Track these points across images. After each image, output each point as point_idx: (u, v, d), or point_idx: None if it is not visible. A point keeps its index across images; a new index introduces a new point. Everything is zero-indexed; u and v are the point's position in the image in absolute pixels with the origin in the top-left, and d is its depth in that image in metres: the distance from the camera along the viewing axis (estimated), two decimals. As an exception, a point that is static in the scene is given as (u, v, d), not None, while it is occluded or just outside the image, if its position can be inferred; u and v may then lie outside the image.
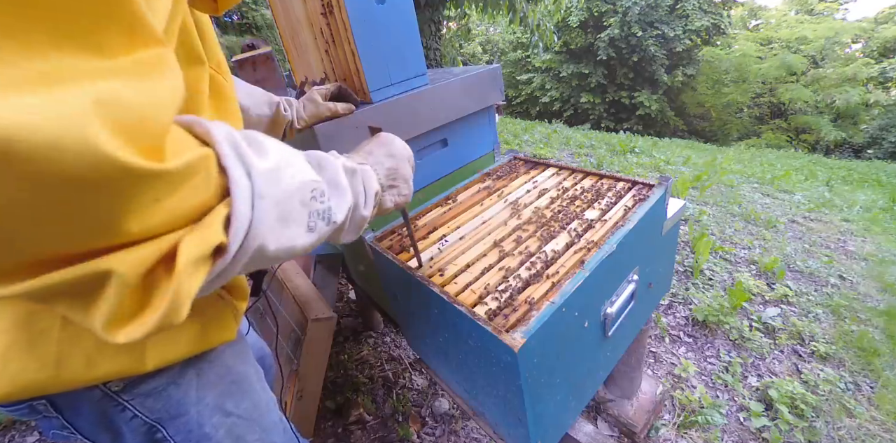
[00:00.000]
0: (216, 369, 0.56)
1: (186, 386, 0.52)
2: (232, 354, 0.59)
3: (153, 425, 0.51)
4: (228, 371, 0.58)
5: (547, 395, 0.71)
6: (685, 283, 2.16)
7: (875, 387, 1.62)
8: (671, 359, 1.70)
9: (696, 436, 1.37)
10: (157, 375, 0.49)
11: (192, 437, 0.54)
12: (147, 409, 0.50)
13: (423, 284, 0.73)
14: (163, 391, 0.50)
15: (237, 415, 0.58)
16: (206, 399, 0.54)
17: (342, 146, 0.90)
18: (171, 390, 0.51)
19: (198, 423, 0.54)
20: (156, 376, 0.49)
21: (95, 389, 0.46)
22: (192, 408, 0.53)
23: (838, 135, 12.67)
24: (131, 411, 0.49)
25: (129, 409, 0.49)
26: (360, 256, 1.25)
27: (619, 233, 0.79)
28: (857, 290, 2.29)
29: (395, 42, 0.96)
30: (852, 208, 4.01)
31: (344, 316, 1.95)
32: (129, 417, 0.49)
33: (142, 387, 0.48)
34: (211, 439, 0.55)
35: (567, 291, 0.66)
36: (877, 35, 14.90)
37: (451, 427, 1.41)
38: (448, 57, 5.42)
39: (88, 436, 0.50)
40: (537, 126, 7.38)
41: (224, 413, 0.57)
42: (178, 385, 0.51)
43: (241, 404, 0.59)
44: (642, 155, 5.02)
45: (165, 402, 0.51)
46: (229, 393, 0.58)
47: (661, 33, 13.07)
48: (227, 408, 0.57)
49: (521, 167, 1.17)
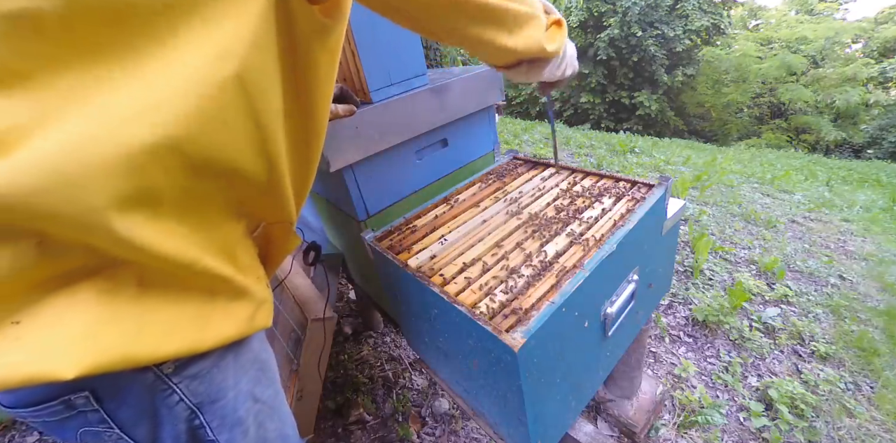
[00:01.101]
0: (247, 355, 0.57)
1: (226, 370, 0.54)
2: (258, 341, 0.61)
3: (193, 411, 0.52)
4: (256, 357, 0.59)
5: (547, 395, 0.71)
6: (685, 283, 2.16)
7: (875, 387, 1.62)
8: (671, 359, 1.70)
9: (696, 436, 1.37)
10: (204, 357, 0.50)
11: (226, 422, 0.55)
12: (192, 392, 0.51)
13: (423, 284, 0.73)
14: (207, 374, 0.52)
15: (263, 401, 0.60)
16: (240, 384, 0.56)
17: (342, 146, 0.90)
18: (214, 372, 0.52)
19: (233, 407, 0.55)
20: (202, 359, 0.50)
21: (149, 372, 0.47)
22: (230, 392, 0.55)
23: (838, 135, 12.67)
24: (178, 395, 0.50)
25: (177, 392, 0.49)
26: (360, 256, 1.25)
27: (619, 233, 0.79)
28: (857, 290, 2.29)
29: (395, 42, 0.96)
30: (852, 208, 4.01)
31: (344, 316, 1.95)
32: (175, 401, 0.50)
33: (190, 369, 0.49)
34: (243, 423, 0.57)
35: (567, 291, 0.66)
36: (877, 35, 14.91)
37: (451, 427, 1.41)
38: (448, 57, 5.41)
39: (127, 428, 0.49)
40: (537, 126, 7.37)
41: (254, 399, 0.58)
42: (219, 369, 0.53)
43: (266, 392, 0.61)
44: (642, 155, 5.02)
45: (208, 385, 0.52)
46: (257, 379, 0.59)
47: (661, 33, 13.06)
48: (256, 394, 0.59)
49: (521, 167, 1.17)
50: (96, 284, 0.38)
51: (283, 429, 0.66)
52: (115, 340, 0.39)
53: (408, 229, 0.94)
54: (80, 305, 0.37)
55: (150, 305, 0.42)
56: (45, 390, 0.42)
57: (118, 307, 0.39)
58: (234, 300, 0.50)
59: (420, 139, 1.06)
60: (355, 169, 0.98)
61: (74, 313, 0.37)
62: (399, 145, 1.01)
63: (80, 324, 0.37)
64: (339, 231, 1.31)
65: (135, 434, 0.50)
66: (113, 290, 0.39)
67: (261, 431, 0.61)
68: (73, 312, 0.37)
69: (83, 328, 0.37)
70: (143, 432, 0.50)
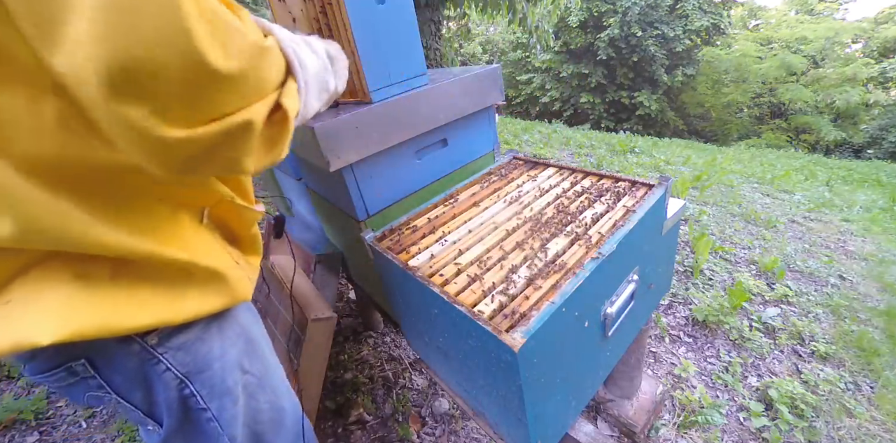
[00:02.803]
0: (234, 328, 0.61)
1: (211, 342, 0.57)
2: (245, 316, 0.65)
3: (182, 381, 0.55)
4: (244, 331, 0.63)
5: (547, 395, 0.71)
6: (685, 283, 2.16)
7: (875, 387, 1.62)
8: (671, 359, 1.70)
9: (696, 436, 1.37)
10: (186, 329, 0.55)
11: (215, 391, 0.58)
12: (178, 362, 0.54)
13: (423, 284, 0.73)
14: (191, 346, 0.55)
15: (252, 374, 0.63)
16: (227, 355, 0.59)
17: (342, 146, 0.90)
18: (199, 345, 0.56)
19: (221, 377, 0.59)
20: (185, 331, 0.54)
21: (134, 343, 0.51)
22: (215, 363, 0.58)
23: (838, 135, 12.67)
24: (164, 364, 0.53)
25: (163, 362, 0.53)
26: (360, 256, 1.25)
27: (619, 233, 0.79)
28: (857, 290, 2.29)
29: (395, 42, 0.96)
30: (852, 208, 4.01)
31: (344, 316, 1.95)
32: (162, 370, 0.54)
33: (173, 341, 0.53)
34: (232, 393, 0.60)
35: (567, 292, 0.66)
36: (877, 35, 14.91)
37: (451, 427, 1.41)
38: (448, 57, 5.41)
39: (123, 394, 0.54)
40: (537, 126, 7.38)
41: (242, 371, 0.62)
42: (203, 341, 0.56)
43: (256, 363, 0.64)
44: (642, 155, 5.02)
45: (193, 356, 0.56)
46: (245, 352, 0.63)
47: (661, 33, 13.07)
48: (244, 366, 0.62)
49: (521, 167, 1.17)
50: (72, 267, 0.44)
51: (277, 402, 0.69)
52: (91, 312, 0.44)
53: (408, 229, 0.94)
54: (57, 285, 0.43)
55: (125, 283, 0.47)
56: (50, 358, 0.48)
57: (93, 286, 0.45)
58: (209, 278, 0.54)
59: (420, 139, 1.06)
60: (355, 169, 0.98)
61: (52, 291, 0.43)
62: (399, 145, 1.01)
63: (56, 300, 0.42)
64: (339, 231, 1.31)
65: (132, 399, 0.55)
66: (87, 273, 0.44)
67: (252, 402, 0.64)
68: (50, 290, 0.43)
69: (59, 303, 0.42)
70: (139, 398, 0.55)
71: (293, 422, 0.73)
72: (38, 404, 1.54)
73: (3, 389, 1.65)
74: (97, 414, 1.54)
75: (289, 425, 0.72)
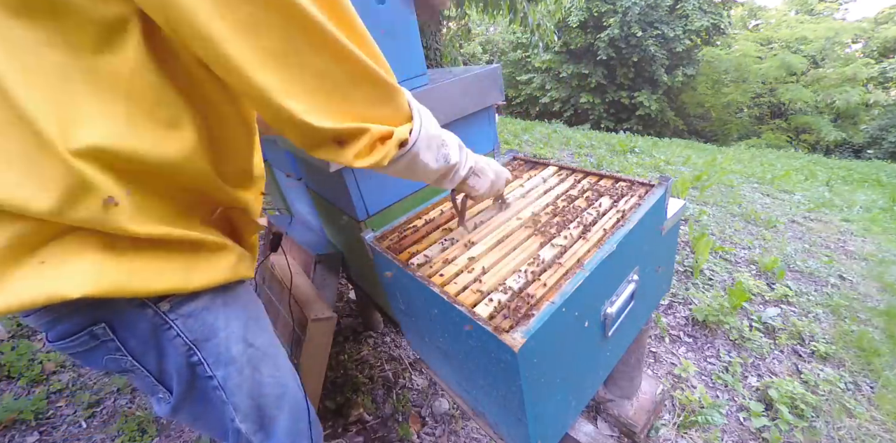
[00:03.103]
0: (237, 303, 0.67)
1: (217, 312, 0.63)
2: (247, 295, 0.71)
3: (190, 347, 0.61)
4: (246, 307, 0.69)
5: (547, 395, 0.71)
6: (685, 283, 2.16)
7: (875, 387, 1.62)
8: (671, 359, 1.70)
9: (696, 436, 1.37)
10: (195, 299, 0.61)
11: (221, 359, 0.64)
12: (187, 329, 0.60)
13: (423, 284, 0.73)
14: (199, 314, 0.61)
15: (256, 347, 0.69)
16: (231, 326, 0.65)
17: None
18: (205, 314, 0.62)
19: (226, 346, 0.64)
20: (194, 300, 0.61)
21: (148, 308, 0.57)
22: (221, 332, 0.64)
23: (838, 135, 12.67)
24: (175, 330, 0.59)
25: (174, 327, 0.59)
26: (360, 256, 1.25)
27: (619, 233, 0.79)
28: (857, 290, 2.29)
29: (395, 42, 0.96)
30: (852, 208, 4.01)
31: (344, 316, 1.95)
32: (174, 335, 0.60)
33: (183, 308, 0.60)
34: (236, 362, 0.65)
35: (567, 292, 0.66)
36: (877, 35, 14.91)
37: (451, 427, 1.41)
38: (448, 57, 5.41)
39: (137, 357, 0.60)
40: (537, 126, 7.38)
41: (246, 343, 0.67)
42: (209, 310, 0.62)
43: (259, 338, 0.70)
44: (642, 155, 5.02)
45: (202, 324, 0.62)
46: (248, 326, 0.68)
47: (661, 33, 13.06)
48: (248, 338, 0.68)
49: (521, 167, 1.17)
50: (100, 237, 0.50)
51: (280, 378, 0.73)
52: (114, 274, 0.50)
53: (408, 229, 0.94)
54: (86, 250, 0.49)
55: (144, 253, 0.53)
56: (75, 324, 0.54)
57: (118, 253, 0.51)
58: (216, 252, 0.62)
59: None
60: (355, 169, 0.98)
61: (81, 255, 0.49)
62: (399, 145, 1.01)
63: (86, 261, 0.49)
64: (339, 231, 1.31)
65: (145, 362, 0.60)
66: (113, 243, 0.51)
67: (256, 375, 0.69)
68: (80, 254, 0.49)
69: (87, 264, 0.49)
70: (152, 361, 0.61)
71: (295, 400, 0.76)
72: (38, 404, 1.54)
73: (3, 389, 1.66)
74: (97, 414, 1.54)
75: (291, 402, 0.75)
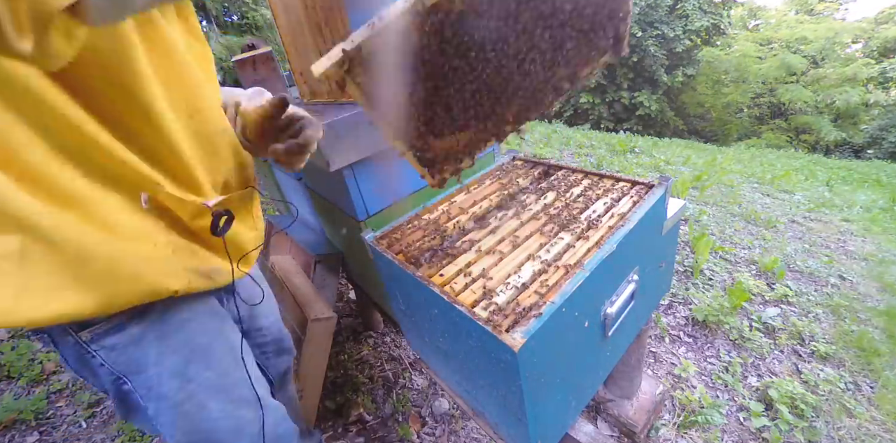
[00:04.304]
0: (180, 336, 0.63)
1: (146, 347, 0.60)
2: (198, 326, 0.66)
3: (119, 378, 0.60)
4: (191, 338, 0.64)
5: (547, 395, 0.71)
6: (685, 283, 2.16)
7: (875, 387, 1.62)
8: (671, 359, 1.70)
9: (696, 436, 1.37)
10: (117, 332, 0.58)
11: (151, 394, 0.61)
12: (111, 361, 0.58)
13: (423, 284, 0.73)
14: (123, 348, 0.58)
15: (199, 382, 0.64)
16: (165, 362, 0.61)
17: (342, 146, 0.90)
18: (131, 349, 0.59)
19: (157, 382, 0.61)
20: (115, 335, 0.58)
21: (68, 335, 0.56)
22: (150, 368, 0.60)
23: (838, 135, 12.66)
24: (99, 360, 0.58)
25: (97, 357, 0.58)
26: (360, 256, 1.25)
27: (619, 233, 0.79)
28: (857, 290, 2.29)
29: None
30: (852, 208, 4.01)
31: (344, 316, 1.95)
32: (98, 364, 0.58)
33: (105, 340, 0.57)
34: (169, 399, 0.62)
35: (567, 292, 0.66)
36: (877, 35, 14.90)
37: (451, 427, 1.41)
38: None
39: (77, 370, 0.60)
40: (537, 126, 7.37)
41: (184, 378, 0.63)
42: (136, 346, 0.59)
43: (207, 372, 0.65)
44: (642, 155, 5.02)
45: (127, 358, 0.59)
46: (192, 360, 0.64)
47: (661, 33, 13.05)
48: (189, 373, 0.63)
49: (521, 167, 1.17)
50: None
51: (234, 411, 0.69)
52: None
53: (408, 229, 0.94)
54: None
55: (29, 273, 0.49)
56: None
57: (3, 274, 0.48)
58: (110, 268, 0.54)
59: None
60: (355, 169, 0.98)
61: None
62: (399, 145, 1.01)
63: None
64: (339, 231, 1.31)
65: (85, 376, 0.61)
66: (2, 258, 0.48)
67: (201, 412, 0.65)
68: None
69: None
70: (90, 377, 0.60)
71: (256, 430, 0.72)
72: (38, 404, 1.54)
73: (3, 389, 1.66)
74: (97, 414, 1.54)
75: (250, 432, 0.71)
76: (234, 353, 0.70)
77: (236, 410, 0.69)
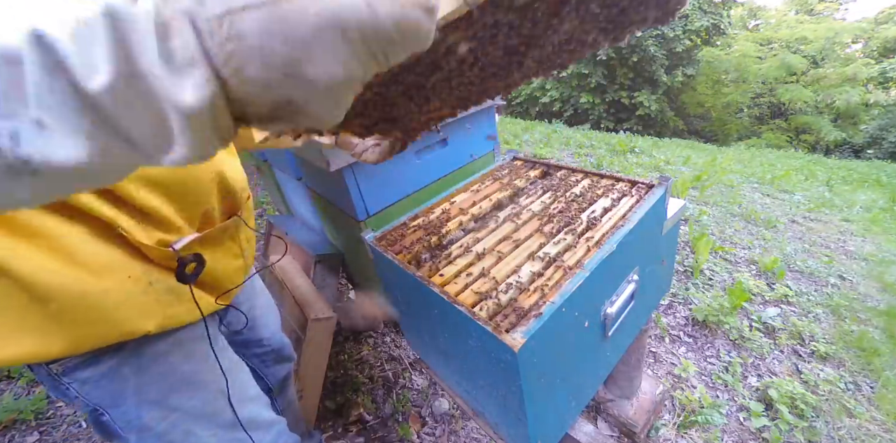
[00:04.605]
0: (159, 367, 0.60)
1: (124, 381, 0.57)
2: (181, 354, 0.62)
3: (96, 409, 0.57)
4: (173, 369, 0.61)
5: (547, 395, 0.71)
6: (685, 283, 2.16)
7: (875, 387, 1.62)
8: (671, 359, 1.70)
9: (696, 436, 1.37)
10: (90, 367, 0.55)
11: (132, 425, 0.59)
12: (86, 394, 0.56)
13: (423, 285, 0.73)
14: (97, 382, 0.56)
15: (183, 411, 0.62)
16: (145, 393, 0.59)
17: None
18: (105, 382, 0.56)
19: (136, 414, 0.59)
20: (88, 368, 0.55)
21: (41, 367, 0.53)
22: (129, 400, 0.58)
23: (838, 135, 12.65)
24: (74, 392, 0.55)
25: (72, 390, 0.55)
26: (360, 256, 1.25)
27: (619, 233, 0.79)
28: (857, 290, 2.29)
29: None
30: (852, 208, 4.01)
31: (344, 316, 1.95)
32: (73, 396, 0.56)
33: (77, 374, 0.54)
34: (151, 429, 0.60)
35: (567, 292, 0.66)
36: (877, 35, 14.90)
37: (451, 427, 1.41)
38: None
39: (55, 395, 0.58)
40: (537, 126, 7.37)
41: (168, 408, 0.61)
42: (111, 380, 0.56)
43: (189, 402, 0.63)
44: (642, 155, 5.02)
45: (101, 392, 0.56)
46: (176, 389, 0.61)
47: (661, 33, 13.05)
48: (171, 403, 0.61)
49: (521, 168, 1.17)
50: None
51: (225, 436, 0.67)
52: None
53: (408, 229, 0.94)
54: None
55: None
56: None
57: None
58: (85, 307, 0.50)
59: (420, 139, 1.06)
60: (355, 169, 0.98)
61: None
62: (399, 145, 1.01)
63: None
64: (339, 231, 1.31)
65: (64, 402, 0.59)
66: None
67: (189, 438, 0.63)
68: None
69: None
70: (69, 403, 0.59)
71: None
72: (38, 404, 1.54)
73: (3, 389, 1.65)
74: (97, 414, 1.54)
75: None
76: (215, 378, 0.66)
77: (227, 434, 0.67)
